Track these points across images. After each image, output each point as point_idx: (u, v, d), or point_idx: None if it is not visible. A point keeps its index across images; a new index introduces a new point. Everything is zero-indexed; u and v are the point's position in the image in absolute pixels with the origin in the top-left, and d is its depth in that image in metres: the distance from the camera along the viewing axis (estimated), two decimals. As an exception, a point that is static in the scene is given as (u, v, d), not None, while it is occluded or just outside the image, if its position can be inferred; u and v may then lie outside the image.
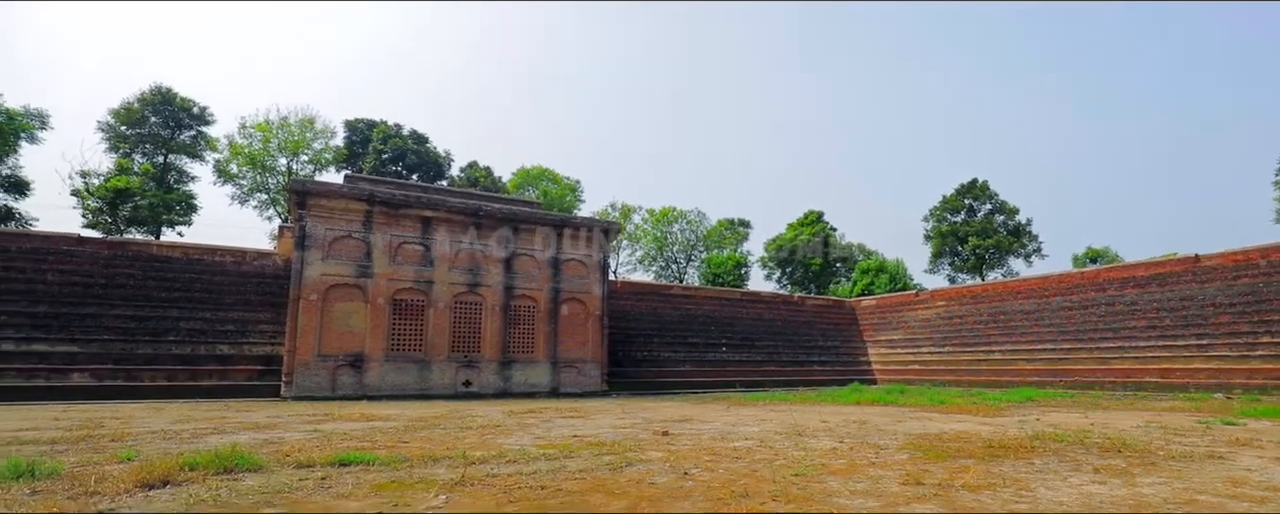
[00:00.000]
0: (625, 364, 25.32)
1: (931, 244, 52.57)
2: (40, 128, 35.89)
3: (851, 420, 11.55)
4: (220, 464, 5.69)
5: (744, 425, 10.63)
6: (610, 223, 24.07)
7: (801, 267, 52.90)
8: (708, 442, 8.29)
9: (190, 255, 22.01)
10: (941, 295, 32.67)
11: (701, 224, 56.14)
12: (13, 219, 34.30)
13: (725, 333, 30.20)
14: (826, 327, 34.33)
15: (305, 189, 18.91)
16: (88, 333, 18.29)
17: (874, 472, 5.97)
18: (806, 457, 6.92)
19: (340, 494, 4.80)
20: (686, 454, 7.08)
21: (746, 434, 9.22)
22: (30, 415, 11.54)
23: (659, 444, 8.00)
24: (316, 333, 18.36)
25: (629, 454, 7.01)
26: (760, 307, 33.39)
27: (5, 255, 19.41)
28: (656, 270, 55.13)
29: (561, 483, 5.31)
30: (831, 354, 32.39)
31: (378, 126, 45.18)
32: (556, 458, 6.72)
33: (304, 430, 9.38)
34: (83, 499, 4.49)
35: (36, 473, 5.30)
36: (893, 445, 7.93)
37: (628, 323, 27.49)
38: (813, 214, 54.16)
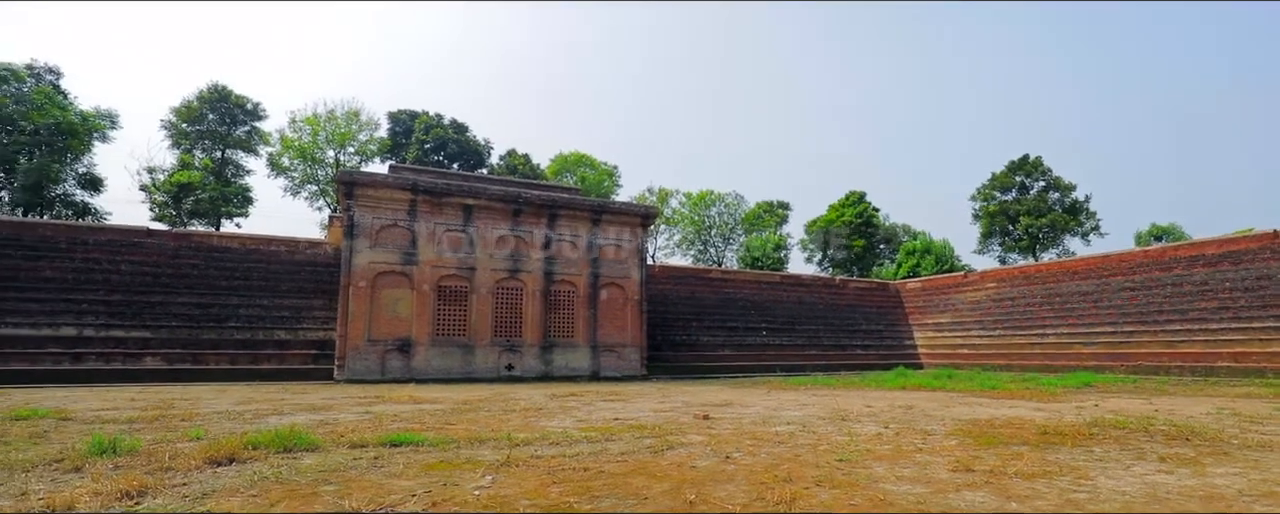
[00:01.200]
0: (664, 348, 25.41)
1: (980, 224, 50.86)
2: (110, 127, 37.92)
3: (897, 405, 11.35)
4: (281, 444, 5.97)
5: (785, 410, 10.56)
6: (648, 207, 24.05)
7: (843, 248, 51.91)
8: (749, 426, 8.28)
9: (247, 245, 22.98)
10: (992, 276, 31.64)
11: (740, 207, 55.58)
12: (89, 213, 36.39)
13: (765, 316, 29.96)
14: (869, 310, 33.69)
15: (352, 180, 19.46)
16: (158, 320, 19.34)
17: (921, 458, 5.86)
18: (850, 442, 6.85)
19: (392, 474, 4.98)
20: (727, 438, 7.09)
21: (788, 419, 9.16)
22: (109, 396, 12.32)
23: (700, 428, 8.03)
24: (366, 318, 18.98)
25: (670, 438, 7.05)
26: (801, 290, 32.97)
27: (84, 248, 20.63)
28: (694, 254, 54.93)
29: (603, 465, 5.39)
30: (875, 338, 31.81)
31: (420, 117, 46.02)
32: (598, 441, 6.82)
33: (356, 412, 9.74)
34: (158, 474, 4.78)
35: (118, 449, 5.67)
36: (940, 431, 7.77)
37: (666, 307, 27.54)
38: (854, 195, 52.98)
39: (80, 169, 36.84)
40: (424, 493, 4.32)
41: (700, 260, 54.12)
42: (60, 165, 35.42)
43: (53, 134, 34.04)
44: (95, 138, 36.83)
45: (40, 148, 34.28)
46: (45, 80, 36.31)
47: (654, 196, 53.45)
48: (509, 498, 4.21)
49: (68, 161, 35.96)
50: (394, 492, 4.34)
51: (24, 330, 17.69)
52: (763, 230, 54.34)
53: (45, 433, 7.17)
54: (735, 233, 55.64)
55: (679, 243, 55.06)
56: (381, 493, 4.29)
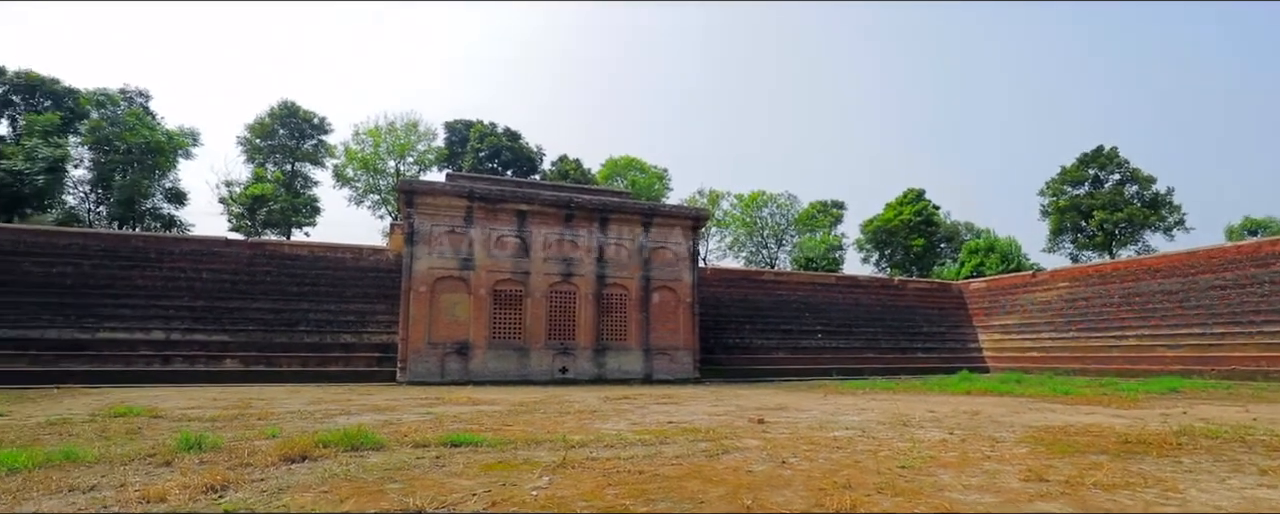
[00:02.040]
0: (717, 351, 25.22)
1: (1049, 220, 48.35)
2: (193, 144, 40.64)
3: (962, 411, 10.91)
4: (349, 442, 6.24)
5: (843, 414, 10.31)
6: (699, 210, 23.96)
7: (901, 248, 50.31)
8: (805, 430, 8.12)
9: (316, 253, 24.13)
10: (1063, 275, 30.03)
11: (792, 207, 54.64)
12: (175, 225, 39.01)
13: (820, 319, 29.34)
14: (930, 311, 32.52)
15: (412, 188, 20.17)
16: (236, 324, 20.52)
17: (990, 465, 5.62)
18: (913, 448, 6.62)
19: (453, 473, 5.12)
20: (783, 443, 6.97)
21: (846, 423, 8.94)
22: (194, 396, 13.15)
23: (755, 432, 7.93)
24: (426, 322, 19.60)
25: (725, 441, 6.99)
26: (857, 291, 32.13)
27: (170, 258, 22.12)
28: (746, 256, 54.34)
29: (659, 468, 5.39)
30: (937, 340, 30.68)
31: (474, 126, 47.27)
32: (652, 443, 6.82)
33: (418, 413, 10.07)
34: (239, 470, 5.07)
35: (202, 446, 6.06)
36: (1010, 438, 7.42)
37: (719, 310, 27.34)
38: (912, 192, 51.28)
39: (167, 184, 39.54)
40: (484, 492, 4.43)
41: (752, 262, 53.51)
42: (149, 181, 38.11)
43: (143, 152, 36.66)
44: (179, 155, 39.50)
45: (132, 165, 36.96)
46: (136, 103, 39.16)
47: (705, 199, 53.19)
48: (566, 499, 4.26)
49: (156, 178, 38.65)
50: (455, 491, 4.46)
51: (120, 334, 19.09)
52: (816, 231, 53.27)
53: (139, 429, 7.71)
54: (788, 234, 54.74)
55: (731, 245, 54.58)
56: (443, 492, 4.42)
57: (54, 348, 18.14)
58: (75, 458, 5.50)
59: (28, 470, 5.00)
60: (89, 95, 37.43)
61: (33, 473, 4.93)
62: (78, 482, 4.65)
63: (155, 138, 37.05)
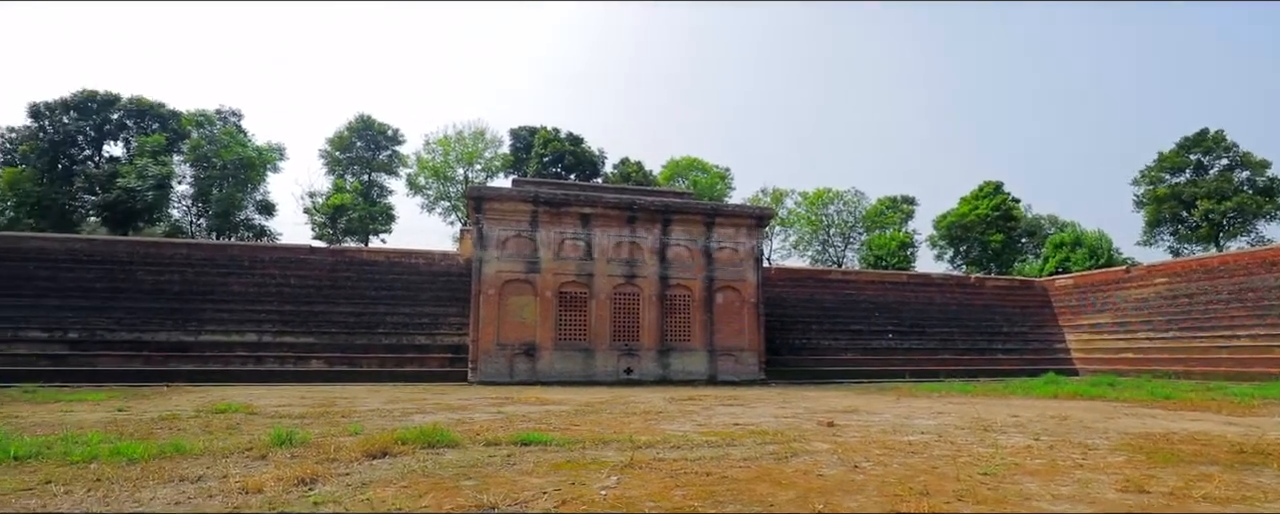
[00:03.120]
0: (783, 352, 24.76)
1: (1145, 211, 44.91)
2: (280, 159, 43.52)
3: (1048, 415, 10.28)
4: (425, 440, 6.50)
5: (918, 418, 9.91)
6: (762, 209, 23.61)
7: (978, 244, 47.92)
8: (878, 434, 7.86)
9: (391, 259, 25.30)
10: (1162, 270, 27.81)
11: (860, 204, 53.00)
12: (265, 235, 41.82)
13: (891, 319, 28.32)
14: (1011, 310, 30.81)
15: (480, 195, 20.84)
16: (320, 327, 21.76)
17: (1081, 474, 5.27)
18: (995, 454, 6.29)
19: (523, 471, 5.25)
20: (855, 446, 6.77)
21: (922, 427, 8.59)
22: (284, 394, 14.03)
23: (824, 435, 7.73)
24: (495, 324, 20.18)
25: (793, 444, 6.86)
26: (931, 289, 30.83)
27: (262, 265, 23.72)
28: (812, 255, 53.10)
29: (726, 470, 5.34)
30: (1018, 341, 29.03)
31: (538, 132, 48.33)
32: (719, 445, 6.77)
33: (489, 412, 10.38)
34: (326, 464, 5.37)
35: (293, 441, 6.46)
36: (1104, 445, 6.93)
37: (784, 310, 26.84)
38: (990, 185, 48.76)
39: (258, 196, 42.46)
40: (554, 490, 4.51)
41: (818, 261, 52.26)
42: (242, 194, 41.02)
43: (237, 168, 39.51)
44: (268, 169, 42.35)
45: (227, 180, 39.89)
46: (230, 122, 42.23)
47: (768, 197, 52.35)
48: (634, 499, 4.29)
49: (248, 191, 41.57)
50: (526, 489, 4.57)
51: (219, 336, 20.61)
52: (886, 228, 51.44)
53: (237, 425, 8.30)
54: (855, 231, 53.14)
55: (795, 244, 53.49)
56: (515, 489, 4.53)
57: (164, 349, 19.77)
58: (183, 450, 5.98)
59: (144, 461, 5.47)
60: (190, 116, 40.65)
61: (149, 463, 5.39)
62: (186, 472, 5.05)
63: (247, 154, 39.85)
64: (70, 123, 38.30)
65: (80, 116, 38.56)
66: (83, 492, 4.39)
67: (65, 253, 22.70)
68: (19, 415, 9.27)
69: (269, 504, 4.06)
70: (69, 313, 20.29)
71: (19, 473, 4.96)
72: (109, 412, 9.89)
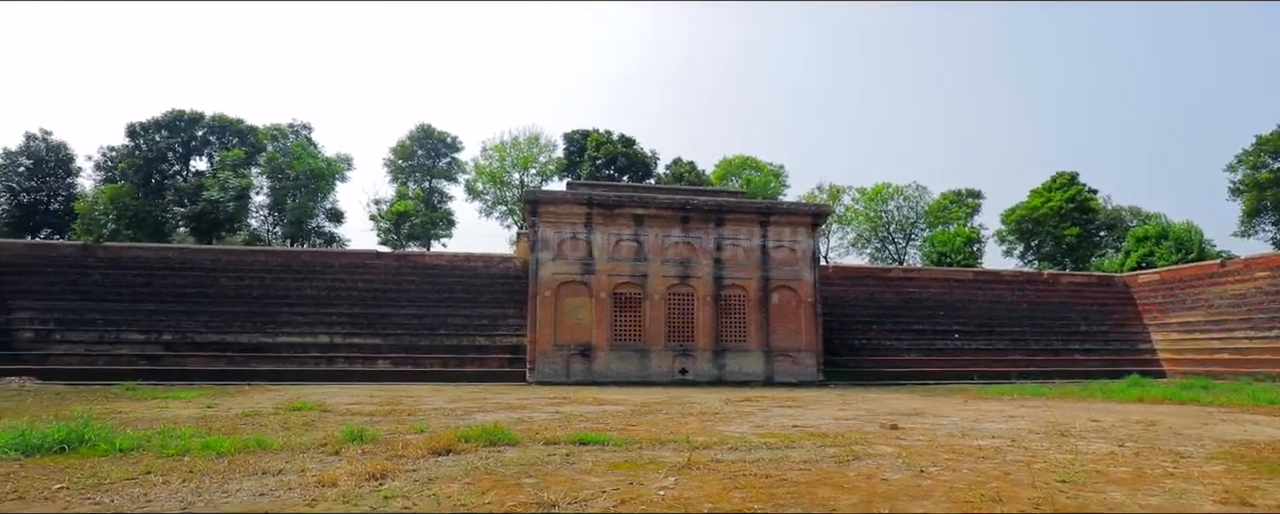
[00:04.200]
0: (842, 353, 24.17)
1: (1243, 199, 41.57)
2: (347, 169, 45.67)
3: (1133, 420, 9.66)
4: (487, 438, 6.68)
5: (988, 421, 9.49)
6: (818, 206, 23.15)
7: (1051, 239, 45.45)
8: (945, 438, 7.57)
9: (452, 262, 26.11)
10: (1263, 263, 25.65)
11: (921, 199, 51.13)
12: (335, 241, 43.91)
13: (957, 318, 27.21)
14: (1089, 308, 29.09)
15: (536, 198, 21.24)
16: (386, 328, 22.67)
17: (1173, 484, 4.92)
18: (1074, 460, 5.96)
19: (582, 470, 5.32)
20: (920, 450, 6.55)
21: (992, 431, 8.23)
22: (354, 392, 14.69)
23: (887, 438, 7.51)
24: (552, 325, 20.52)
25: (855, 447, 6.69)
26: (1000, 287, 29.46)
27: (332, 270, 24.91)
28: (871, 252, 51.60)
29: (785, 473, 5.26)
30: (1097, 341, 27.38)
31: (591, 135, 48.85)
32: (778, 447, 6.68)
33: (547, 412, 10.56)
34: (395, 460, 5.59)
35: (364, 438, 6.76)
36: (1199, 453, 6.46)
37: (843, 309, 26.19)
38: (1064, 176, 46.18)
39: (327, 205, 44.65)
40: (612, 490, 4.56)
41: (878, 259, 50.74)
42: (314, 203, 43.19)
43: (308, 178, 41.64)
44: (337, 179, 44.44)
45: (300, 190, 42.09)
46: (301, 135, 44.55)
47: (824, 194, 51.19)
48: (692, 500, 4.28)
49: (319, 199, 43.73)
50: (585, 487, 4.63)
51: (294, 338, 21.75)
52: (950, 223, 49.44)
53: (312, 422, 8.74)
54: (917, 228, 51.31)
55: (853, 241, 52.10)
56: (574, 488, 4.60)
57: (245, 350, 21.02)
58: (265, 445, 6.35)
59: (231, 455, 5.84)
60: (265, 131, 43.12)
61: (235, 457, 5.75)
62: (268, 466, 5.36)
63: (318, 165, 41.94)
64: (161, 141, 41.27)
65: (170, 134, 41.50)
66: (178, 482, 4.72)
67: (159, 261, 24.47)
68: (122, 411, 10.05)
69: (343, 497, 4.26)
70: (163, 317, 21.85)
71: (123, 464, 5.38)
72: (199, 408, 10.60)
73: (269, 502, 4.17)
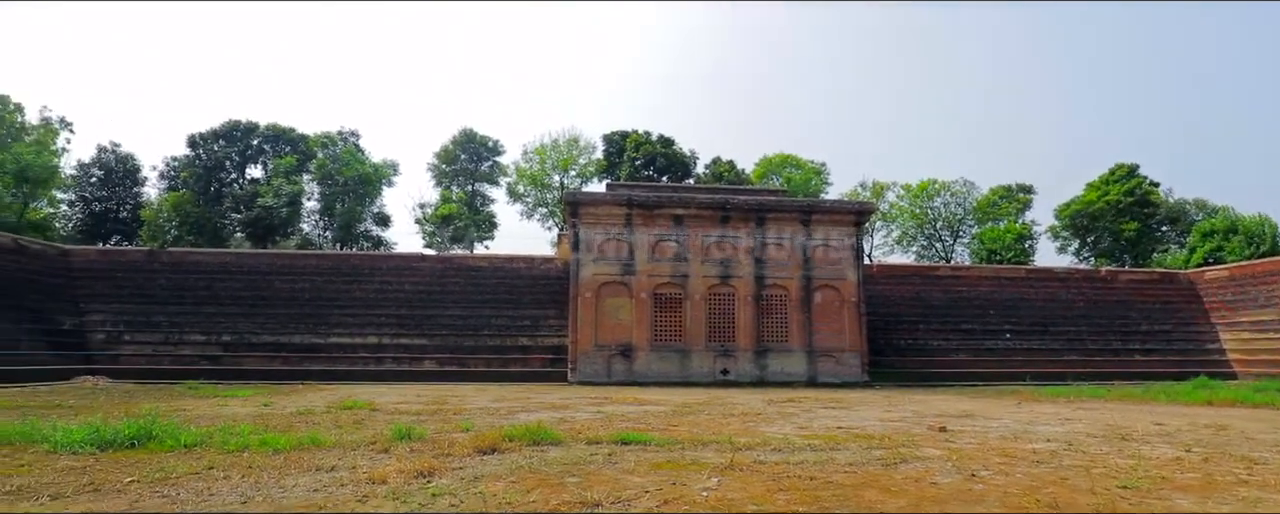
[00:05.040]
0: (887, 353, 23.62)
1: (1322, 191, 38.85)
2: (393, 174, 46.99)
3: (1201, 424, 9.16)
4: (530, 437, 6.77)
5: (1042, 424, 9.14)
6: (862, 204, 22.71)
7: (1109, 234, 43.47)
8: (996, 441, 7.32)
9: (494, 264, 26.57)
10: (1345, 260, 23.99)
11: (969, 195, 49.55)
12: (382, 245, 45.20)
13: (1008, 317, 26.30)
14: (1150, 306, 27.73)
15: (576, 200, 21.45)
16: (432, 329, 23.20)
17: (1247, 492, 4.65)
18: (1137, 466, 5.69)
19: (625, 470, 5.34)
20: (971, 454, 6.35)
21: (1047, 434, 7.92)
22: (401, 392, 15.08)
23: (936, 441, 7.31)
24: (593, 326, 20.66)
25: (902, 450, 6.53)
26: (1054, 285, 28.35)
27: (379, 273, 25.65)
28: (917, 250, 50.28)
29: (830, 475, 5.17)
30: (1160, 341, 26.06)
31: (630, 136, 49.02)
32: (822, 449, 6.57)
33: (589, 411, 10.64)
34: (442, 459, 5.72)
35: (412, 436, 6.94)
36: (1276, 460, 6.09)
37: (888, 309, 25.61)
38: (1122, 168, 44.13)
39: (375, 209, 46.00)
40: (655, 490, 4.56)
41: (924, 257, 49.42)
42: (362, 207, 44.55)
43: (356, 183, 42.98)
44: (384, 184, 45.76)
45: (348, 195, 43.47)
46: (349, 142, 46.00)
47: (867, 192, 50.14)
48: (735, 501, 4.25)
49: (367, 204, 45.09)
50: (628, 487, 4.65)
51: (344, 339, 22.47)
52: (1000, 220, 47.79)
53: (362, 420, 9.01)
54: (965, 224, 49.77)
55: (898, 239, 50.86)
56: (617, 488, 4.62)
57: (299, 350, 21.82)
58: (318, 443, 6.57)
59: (287, 451, 6.07)
60: (316, 139, 44.69)
61: (290, 454, 5.97)
62: (321, 462, 5.55)
63: (365, 170, 43.25)
64: (219, 150, 43.22)
65: (227, 144, 43.41)
66: (238, 477, 4.94)
67: (218, 266, 25.62)
68: (185, 409, 10.55)
69: (393, 494, 4.38)
70: (222, 319, 22.86)
71: (188, 459, 5.66)
72: (256, 407, 11.05)
73: (323, 497, 4.32)
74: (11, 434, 6.66)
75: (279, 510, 3.97)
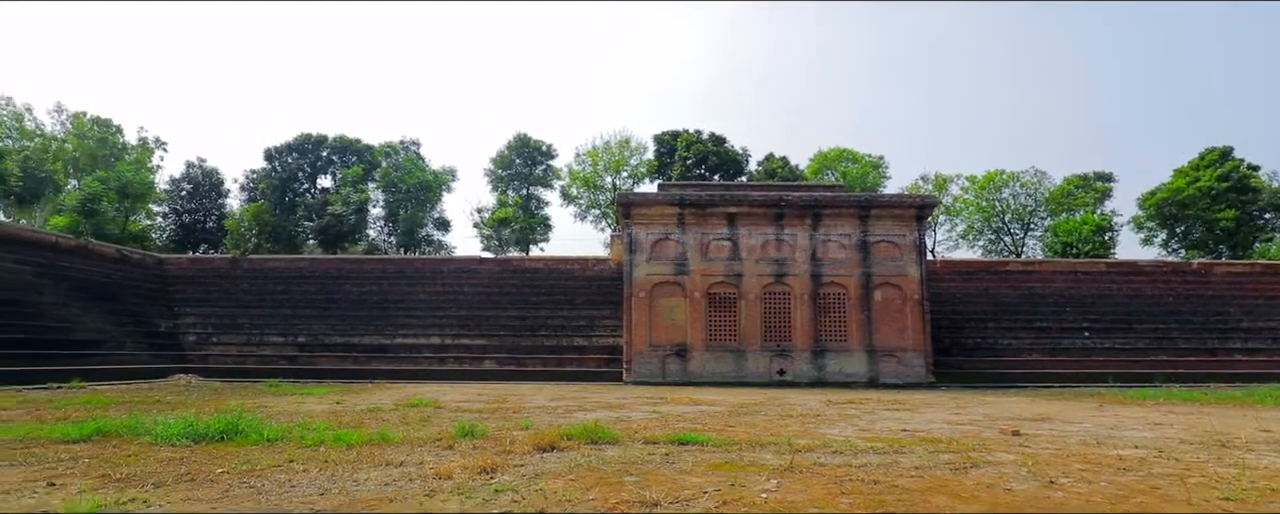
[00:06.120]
0: (953, 353, 22.69)
1: None
2: (453, 180, 48.54)
3: (1314, 430, 8.39)
4: (588, 436, 6.84)
5: (1128, 429, 8.58)
6: (923, 197, 21.91)
7: (1201, 223, 40.41)
8: (1077, 446, 6.92)
9: (549, 266, 27.03)
10: None
11: (1040, 185, 47.03)
12: (442, 249, 46.71)
13: (1087, 314, 24.82)
14: (1252, 301, 25.60)
15: (628, 201, 21.56)
16: (491, 330, 23.81)
17: (1368, 504, 4.23)
18: (1241, 475, 5.26)
19: (682, 470, 5.33)
20: (1048, 459, 6.02)
21: (1135, 440, 7.43)
22: (463, 390, 15.54)
23: (1009, 445, 6.97)
24: (647, 326, 20.72)
25: (972, 454, 6.26)
26: (1139, 279, 26.59)
27: (441, 276, 26.52)
28: (984, 245, 48.09)
29: (896, 479, 5.01)
30: (1264, 339, 24.02)
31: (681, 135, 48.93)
32: (886, 452, 6.37)
33: (645, 411, 10.66)
34: (503, 456, 5.86)
35: (474, 434, 7.13)
36: (1402, 469, 5.51)
37: (954, 306, 24.62)
38: (1214, 152, 40.95)
39: (435, 215, 47.57)
40: (714, 491, 4.53)
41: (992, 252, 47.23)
42: (423, 213, 46.15)
43: (418, 190, 44.58)
44: (443, 190, 47.30)
45: (411, 201, 45.12)
46: (411, 151, 47.76)
47: (929, 185, 48.35)
48: (796, 503, 4.17)
49: (428, 210, 46.69)
50: (686, 488, 4.63)
51: (409, 339, 23.32)
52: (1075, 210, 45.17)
53: (428, 418, 9.33)
54: (1036, 216, 47.29)
55: (963, 234, 48.79)
56: (675, 488, 4.62)
57: (368, 351, 22.79)
58: (387, 439, 6.84)
59: (359, 447, 6.35)
60: (380, 149, 46.61)
61: (362, 449, 6.24)
62: (391, 458, 5.78)
63: (426, 177, 44.82)
64: (292, 162, 45.68)
65: (299, 156, 45.83)
66: (316, 470, 5.19)
67: (293, 271, 27.06)
68: (266, 405, 11.19)
69: (458, 489, 4.52)
70: (297, 321, 24.14)
71: (271, 452, 5.99)
72: (329, 404, 11.60)
73: (393, 491, 4.49)
74: (120, 427, 7.23)
75: (354, 502, 4.15)
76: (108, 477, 4.86)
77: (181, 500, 4.17)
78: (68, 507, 3.84)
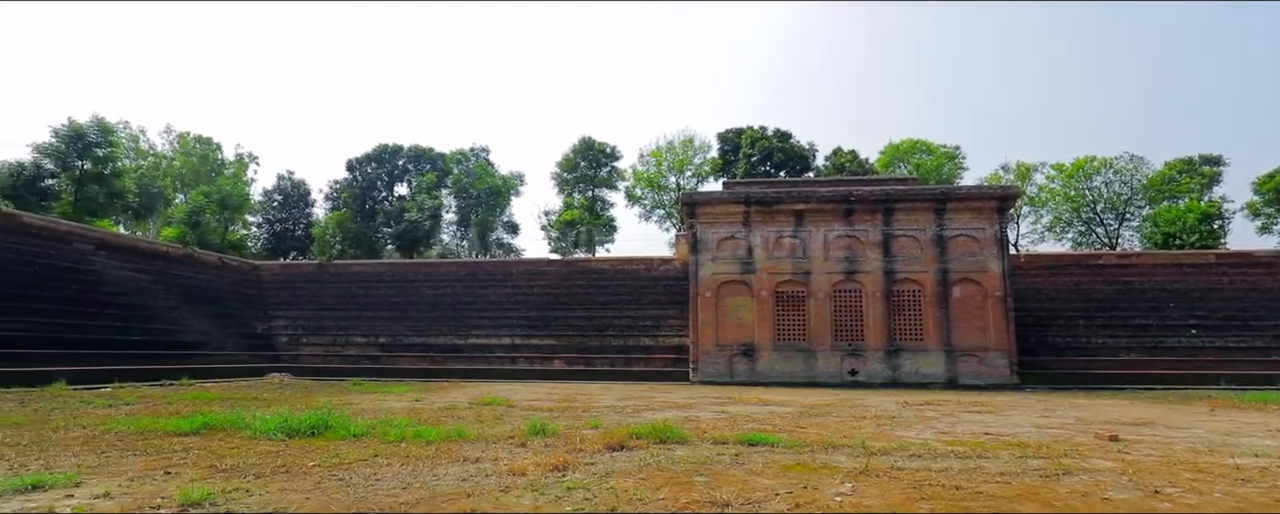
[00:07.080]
0: (1040, 352, 21.37)
1: None
2: (521, 185, 49.95)
3: None
4: (657, 436, 6.87)
5: (1245, 436, 7.84)
6: (1005, 188, 20.77)
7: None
8: (1185, 454, 6.38)
9: (615, 266, 27.31)
10: None
11: (1137, 172, 43.52)
12: (512, 251, 48.09)
13: (1193, 310, 22.82)
14: (1397, 296, 22.81)
15: (693, 200, 21.50)
16: (560, 330, 24.28)
17: None
18: (1381, 488, 4.71)
19: (752, 471, 5.27)
20: (1151, 467, 5.58)
21: (1254, 448, 6.78)
22: (534, 389, 15.92)
23: (1106, 451, 6.51)
24: (713, 325, 20.59)
25: (1064, 460, 5.88)
26: (1255, 271, 24.23)
27: (511, 278, 27.29)
28: (1073, 237, 45.01)
29: (979, 485, 4.77)
30: None
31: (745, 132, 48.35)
32: (968, 457, 6.08)
33: (713, 411, 10.60)
34: (574, 454, 5.97)
35: (546, 432, 7.31)
36: None
37: (1040, 303, 23.20)
38: (1346, 131, 36.69)
39: (505, 218, 49.06)
40: (785, 493, 4.45)
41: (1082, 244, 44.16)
42: (493, 217, 47.67)
43: (488, 195, 46.10)
44: (512, 194, 48.74)
45: (481, 206, 46.68)
46: (480, 157, 49.40)
47: (1011, 175, 45.71)
48: (872, 508, 4.05)
49: (498, 214, 48.20)
50: (757, 489, 4.58)
51: (482, 340, 24.11)
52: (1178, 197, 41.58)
53: (501, 416, 9.62)
54: (1133, 205, 43.84)
55: (1050, 226, 45.83)
56: (746, 489, 4.57)
57: (443, 351, 23.72)
58: (463, 436, 7.11)
59: (438, 443, 6.63)
60: (451, 156, 48.46)
61: (440, 445, 6.51)
62: (467, 454, 6.00)
63: (495, 183, 46.30)
64: (372, 171, 48.15)
65: (378, 166, 48.26)
66: (399, 465, 5.46)
67: (374, 275, 28.51)
68: (352, 402, 11.85)
69: (531, 486, 4.64)
70: (378, 322, 25.41)
71: (357, 447, 6.35)
72: (409, 402, 12.15)
73: (470, 486, 4.66)
74: (223, 422, 7.84)
75: (434, 496, 4.34)
76: (214, 467, 5.28)
77: (278, 491, 4.47)
78: (183, 494, 4.20)
